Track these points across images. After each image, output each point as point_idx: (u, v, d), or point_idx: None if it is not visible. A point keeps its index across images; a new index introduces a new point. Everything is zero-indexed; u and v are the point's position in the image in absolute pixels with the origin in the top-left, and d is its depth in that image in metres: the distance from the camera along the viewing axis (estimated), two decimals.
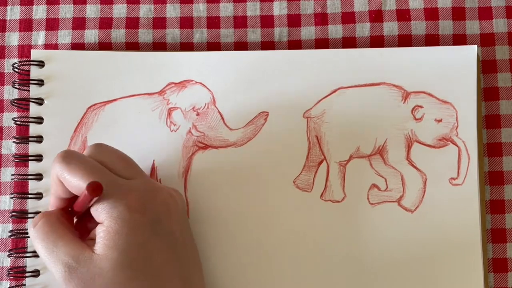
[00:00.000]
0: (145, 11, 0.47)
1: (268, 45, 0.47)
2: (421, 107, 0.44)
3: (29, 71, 0.45)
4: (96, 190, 0.35)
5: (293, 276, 0.43)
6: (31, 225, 0.38)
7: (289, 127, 0.44)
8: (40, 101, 0.45)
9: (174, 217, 0.39)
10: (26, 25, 0.47)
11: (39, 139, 0.45)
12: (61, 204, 0.39)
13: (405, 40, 0.46)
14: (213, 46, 0.47)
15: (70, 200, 0.39)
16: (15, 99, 0.45)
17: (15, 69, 0.45)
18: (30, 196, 0.44)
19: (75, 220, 0.40)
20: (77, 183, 0.36)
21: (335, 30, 0.47)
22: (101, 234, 0.36)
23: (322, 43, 0.47)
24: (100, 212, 0.36)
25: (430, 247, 0.43)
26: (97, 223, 0.37)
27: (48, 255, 0.36)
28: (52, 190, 0.39)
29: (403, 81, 0.45)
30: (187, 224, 0.41)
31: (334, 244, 0.43)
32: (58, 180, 0.38)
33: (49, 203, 0.40)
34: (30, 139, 0.44)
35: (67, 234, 0.37)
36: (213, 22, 0.47)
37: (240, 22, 0.47)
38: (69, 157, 0.37)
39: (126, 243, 0.36)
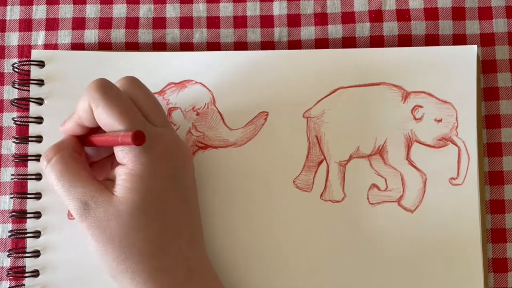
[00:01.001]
0: (145, 11, 0.47)
1: (268, 45, 0.47)
2: (421, 107, 0.44)
3: (29, 71, 0.45)
4: (140, 140, 0.34)
5: (293, 276, 0.43)
6: (44, 160, 0.38)
7: (289, 127, 0.44)
8: (40, 101, 0.45)
9: (190, 174, 0.40)
10: (26, 25, 0.47)
11: (38, 139, 0.45)
12: (79, 131, 0.39)
13: (405, 40, 0.46)
14: (213, 46, 0.47)
15: (90, 130, 0.39)
16: (15, 99, 0.45)
17: (15, 69, 0.45)
18: (29, 196, 0.44)
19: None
20: (110, 121, 0.36)
21: (335, 30, 0.47)
22: (122, 176, 0.36)
23: (322, 43, 0.47)
24: (127, 154, 0.36)
25: (430, 247, 0.43)
26: (113, 162, 0.38)
27: (64, 193, 0.37)
28: (76, 116, 0.38)
29: (403, 81, 0.45)
30: (195, 183, 0.41)
31: (334, 244, 0.43)
32: (88, 108, 0.37)
33: (65, 126, 0.40)
34: (30, 139, 0.44)
35: (84, 173, 0.37)
36: (213, 22, 0.47)
37: (240, 22, 0.47)
38: (107, 88, 0.37)
39: (147, 189, 0.36)
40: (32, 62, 0.45)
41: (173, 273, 0.37)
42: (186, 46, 0.47)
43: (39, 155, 0.44)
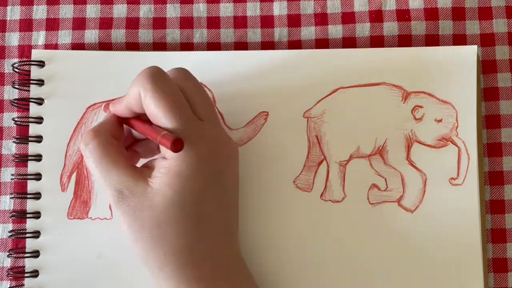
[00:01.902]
0: (145, 11, 0.47)
1: (268, 45, 0.47)
2: (421, 107, 0.44)
3: (29, 71, 0.45)
4: (178, 147, 0.35)
5: (292, 276, 0.43)
6: (82, 144, 0.38)
7: (289, 127, 0.44)
8: (40, 101, 0.45)
9: (232, 172, 0.40)
10: (26, 25, 0.47)
11: (39, 139, 0.45)
12: (127, 115, 0.39)
13: (405, 40, 0.46)
14: (213, 46, 0.47)
15: (139, 114, 0.39)
16: (15, 99, 0.45)
17: (15, 69, 0.45)
18: (29, 196, 0.44)
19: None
20: (157, 112, 0.36)
21: (335, 30, 0.47)
22: (161, 170, 0.36)
23: (322, 43, 0.47)
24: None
25: (430, 247, 0.43)
26: (154, 152, 0.38)
27: (101, 178, 0.37)
28: (125, 100, 0.38)
29: (403, 81, 0.45)
30: (238, 179, 0.41)
31: (334, 244, 0.43)
32: (138, 95, 0.37)
33: (115, 107, 0.40)
34: (30, 139, 0.44)
35: (121, 160, 0.37)
36: (213, 22, 0.47)
37: (240, 22, 0.47)
38: (158, 78, 0.37)
39: (184, 186, 0.36)
40: (32, 62, 0.45)
41: (200, 268, 0.37)
42: (186, 46, 0.47)
43: (39, 155, 0.44)
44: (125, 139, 0.41)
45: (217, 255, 0.38)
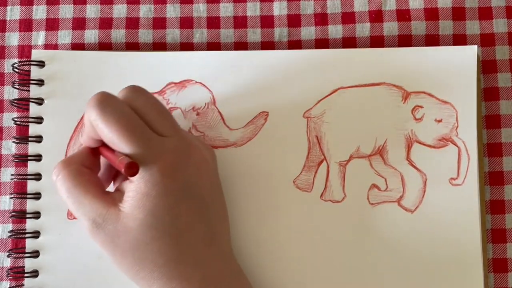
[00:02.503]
0: (145, 11, 0.47)
1: (268, 45, 0.47)
2: (421, 107, 0.44)
3: (29, 71, 0.45)
4: (133, 171, 0.34)
5: (292, 276, 0.43)
6: (53, 175, 0.38)
7: (289, 127, 0.44)
8: (40, 101, 0.45)
9: (205, 180, 0.39)
10: (26, 25, 0.47)
11: (38, 139, 0.44)
12: (93, 144, 0.39)
13: (405, 40, 0.46)
14: (213, 46, 0.47)
15: (102, 141, 0.38)
16: (15, 99, 0.45)
17: (15, 69, 0.45)
18: (28, 196, 0.44)
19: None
20: (112, 138, 0.36)
21: (335, 30, 0.47)
22: (129, 193, 0.36)
23: (322, 43, 0.47)
24: None
25: (430, 247, 0.43)
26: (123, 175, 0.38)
27: (74, 209, 0.37)
28: (86, 129, 0.38)
29: (403, 81, 0.45)
30: (218, 183, 0.41)
31: (334, 244, 0.43)
32: (91, 124, 0.37)
33: (82, 137, 0.39)
34: (30, 139, 0.44)
35: (91, 189, 0.37)
36: (213, 22, 0.47)
37: (240, 22, 0.47)
38: (105, 103, 0.36)
39: (154, 205, 0.36)
40: (32, 62, 0.45)
41: (189, 280, 0.37)
42: (186, 46, 0.47)
43: (39, 155, 0.44)
44: (102, 166, 0.41)
45: (205, 264, 0.37)
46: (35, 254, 0.43)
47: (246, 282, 0.40)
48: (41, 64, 0.45)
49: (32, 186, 0.44)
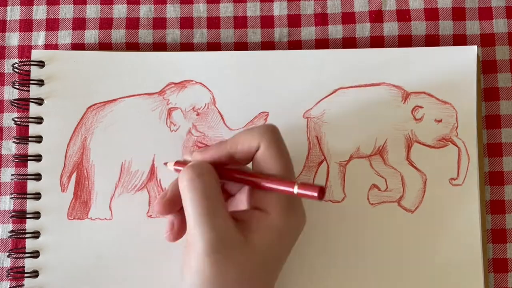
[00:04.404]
0: (145, 11, 0.47)
1: (268, 45, 0.47)
2: (421, 107, 0.44)
3: (29, 71, 0.45)
4: (322, 195, 0.34)
5: (292, 276, 0.43)
6: (193, 173, 0.35)
7: (289, 127, 0.44)
8: (40, 101, 0.45)
9: (295, 240, 0.38)
10: (26, 25, 0.47)
11: (38, 139, 0.44)
12: (223, 160, 0.37)
13: (405, 40, 0.46)
14: (213, 46, 0.47)
15: (230, 160, 0.37)
16: (15, 99, 0.45)
17: (15, 69, 0.45)
18: (28, 196, 0.44)
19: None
20: (274, 165, 0.35)
21: (335, 30, 0.47)
22: (263, 226, 0.35)
23: (322, 43, 0.47)
24: (276, 203, 0.35)
25: (430, 247, 0.43)
26: (237, 206, 0.38)
27: (204, 216, 0.34)
28: (229, 146, 0.36)
29: (403, 81, 0.45)
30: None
31: (334, 244, 0.43)
32: (256, 146, 0.36)
33: (209, 152, 0.37)
34: (30, 139, 0.44)
35: (224, 205, 0.35)
36: (213, 22, 0.47)
37: (240, 22, 0.47)
38: (280, 135, 0.37)
39: (285, 246, 0.36)
40: (32, 62, 0.45)
41: None
42: (186, 46, 0.47)
43: (39, 155, 0.44)
44: None
45: None
46: (35, 254, 0.43)
47: None
48: (41, 64, 0.45)
49: (32, 186, 0.44)
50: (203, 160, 0.37)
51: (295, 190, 0.34)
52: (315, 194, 0.33)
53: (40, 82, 0.45)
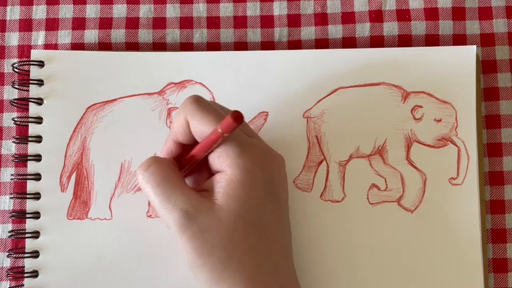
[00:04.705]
0: (145, 11, 0.47)
1: (268, 45, 0.47)
2: (421, 107, 0.44)
3: (29, 71, 0.45)
4: (239, 119, 0.33)
5: None
6: (141, 169, 0.37)
7: (289, 127, 0.44)
8: (39, 101, 0.45)
9: (284, 184, 0.39)
10: (26, 25, 0.47)
11: (38, 139, 0.44)
12: (174, 151, 0.39)
13: (405, 40, 0.46)
14: (213, 46, 0.47)
15: (183, 148, 0.38)
16: (15, 99, 0.45)
17: (15, 69, 0.45)
18: (28, 196, 0.44)
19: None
20: (206, 128, 0.36)
21: (335, 30, 0.47)
22: (222, 183, 0.36)
23: (322, 43, 0.47)
24: (224, 159, 0.36)
25: (430, 247, 0.43)
26: (206, 176, 0.37)
27: (164, 201, 0.36)
28: (171, 135, 0.38)
29: (403, 81, 0.45)
30: (288, 198, 0.40)
31: (334, 244, 0.43)
32: (184, 122, 0.37)
33: (163, 148, 0.40)
34: (30, 139, 0.44)
35: (183, 183, 0.37)
36: (213, 22, 0.47)
37: (240, 22, 0.47)
38: (201, 100, 0.37)
39: (248, 196, 0.35)
40: (32, 62, 0.45)
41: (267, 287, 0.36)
42: (186, 46, 0.47)
43: (39, 155, 0.44)
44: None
45: (282, 274, 0.37)
46: (35, 254, 0.43)
47: None
48: (40, 64, 0.45)
49: (31, 186, 0.44)
50: (157, 156, 0.38)
51: (219, 130, 0.34)
52: (231, 121, 0.33)
53: (40, 82, 0.45)
